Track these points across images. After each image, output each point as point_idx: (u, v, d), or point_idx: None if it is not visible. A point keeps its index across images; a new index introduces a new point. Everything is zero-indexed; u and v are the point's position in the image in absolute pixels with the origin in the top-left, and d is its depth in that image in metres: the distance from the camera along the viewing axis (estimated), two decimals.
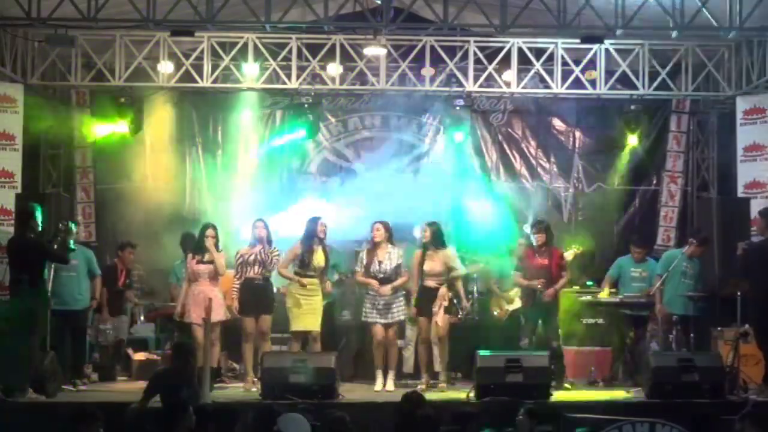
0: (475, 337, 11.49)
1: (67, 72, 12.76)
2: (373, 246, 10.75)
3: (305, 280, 10.72)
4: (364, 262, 10.75)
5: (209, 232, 10.90)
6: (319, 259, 10.81)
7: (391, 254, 10.71)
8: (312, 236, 10.89)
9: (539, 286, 10.91)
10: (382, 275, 10.68)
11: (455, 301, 10.80)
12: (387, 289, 10.61)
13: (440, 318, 10.64)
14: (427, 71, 12.86)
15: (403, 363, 11.44)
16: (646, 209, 14.28)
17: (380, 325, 10.67)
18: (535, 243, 11.10)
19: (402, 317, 10.86)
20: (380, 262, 10.68)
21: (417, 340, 11.30)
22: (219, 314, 10.62)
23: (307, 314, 10.71)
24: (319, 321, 10.77)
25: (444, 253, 10.76)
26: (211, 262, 10.77)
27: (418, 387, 10.67)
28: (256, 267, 10.86)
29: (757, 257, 10.73)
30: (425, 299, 10.71)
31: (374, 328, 10.69)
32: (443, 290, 10.66)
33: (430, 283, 10.69)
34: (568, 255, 11.82)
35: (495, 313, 11.90)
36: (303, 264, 10.77)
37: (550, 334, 10.86)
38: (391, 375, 10.75)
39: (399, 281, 10.69)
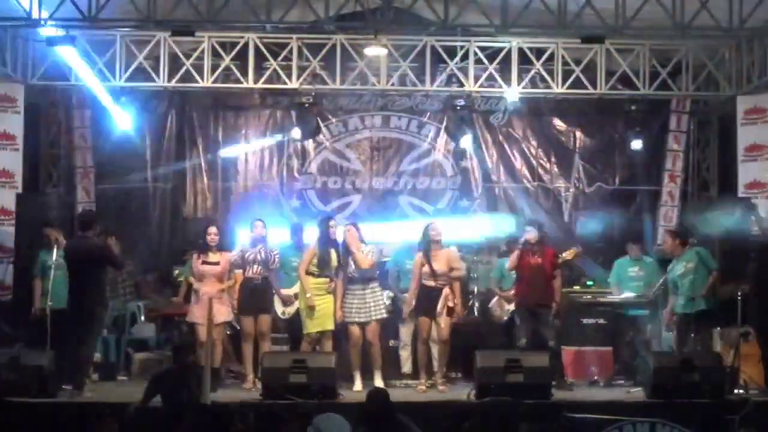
0: (475, 337, 11.50)
1: (67, 72, 12.75)
2: (348, 246, 10.75)
3: (321, 280, 10.74)
4: (342, 263, 10.73)
5: (211, 230, 10.90)
6: (334, 259, 10.84)
7: (363, 253, 10.72)
8: (327, 236, 10.91)
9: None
10: (357, 275, 10.70)
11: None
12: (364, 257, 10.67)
13: (443, 319, 10.63)
14: (428, 72, 12.86)
15: (402, 363, 11.40)
16: (646, 209, 14.29)
17: (356, 324, 10.68)
18: (528, 241, 11.04)
19: (383, 315, 10.86)
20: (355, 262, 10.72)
21: (415, 340, 11.33)
22: (222, 315, 10.63)
23: (322, 315, 10.70)
24: (332, 320, 10.77)
25: (447, 253, 10.77)
26: (217, 263, 10.77)
27: (418, 387, 10.71)
28: (255, 267, 10.86)
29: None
30: (426, 299, 10.70)
31: (349, 328, 10.72)
32: (447, 291, 10.66)
33: (431, 283, 10.70)
34: (569, 254, 11.83)
35: (495, 313, 11.89)
36: (323, 265, 10.77)
37: (546, 333, 10.86)
38: (378, 374, 10.71)
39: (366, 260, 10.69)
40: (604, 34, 11.49)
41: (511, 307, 11.65)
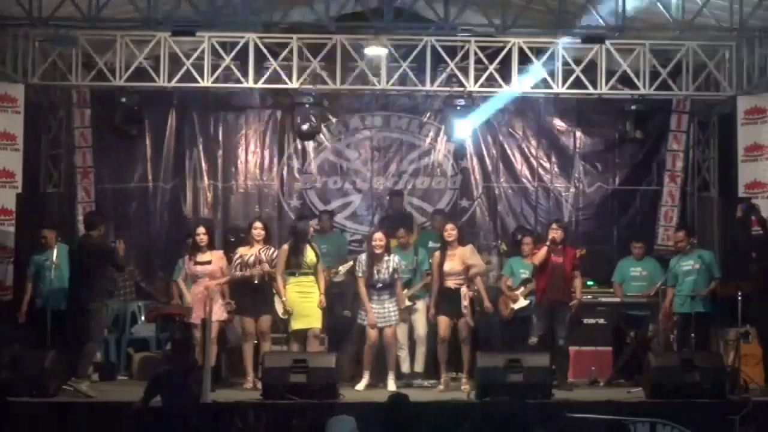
0: (476, 336, 11.50)
1: (67, 72, 12.75)
2: (373, 255, 10.79)
3: (302, 278, 10.78)
4: (364, 268, 10.80)
5: (200, 230, 10.93)
6: (310, 256, 10.85)
7: (388, 262, 10.80)
8: (304, 236, 10.97)
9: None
10: (380, 284, 10.77)
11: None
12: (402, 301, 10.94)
13: (467, 320, 10.72)
14: (428, 72, 12.86)
15: (401, 363, 11.41)
16: (647, 209, 14.27)
17: (375, 328, 10.74)
18: (554, 239, 11.08)
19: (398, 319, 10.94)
20: (378, 272, 10.76)
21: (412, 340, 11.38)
22: (216, 314, 10.64)
23: (306, 312, 10.73)
24: (319, 318, 10.79)
25: (462, 251, 10.80)
26: (209, 262, 10.79)
27: (438, 388, 10.76)
28: (256, 267, 10.87)
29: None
30: (445, 300, 10.76)
31: (368, 330, 10.77)
32: (464, 290, 10.70)
33: (450, 283, 10.74)
34: None
35: (501, 311, 11.88)
36: (298, 264, 10.79)
37: (559, 333, 10.89)
38: (391, 375, 10.79)
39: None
40: (604, 34, 11.50)
41: (516, 306, 11.65)
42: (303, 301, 10.74)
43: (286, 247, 10.90)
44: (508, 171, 14.41)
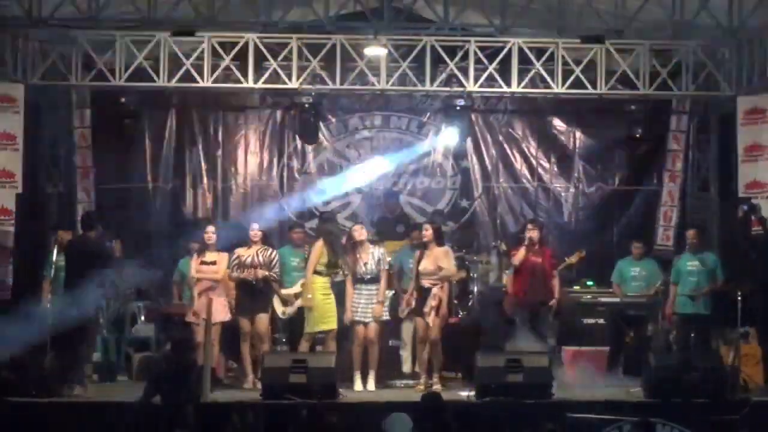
0: (474, 337, 11.50)
1: (67, 72, 12.75)
2: (355, 247, 10.77)
3: (328, 279, 10.76)
4: (350, 264, 10.78)
5: (209, 228, 10.95)
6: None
7: (374, 254, 10.79)
8: (337, 238, 10.99)
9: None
10: (369, 276, 10.76)
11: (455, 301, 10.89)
12: (379, 309, 10.75)
13: (431, 319, 10.63)
14: (428, 72, 12.87)
15: (402, 363, 11.40)
16: (646, 209, 14.28)
17: (362, 324, 10.73)
18: (531, 239, 11.08)
19: (386, 316, 10.89)
20: (365, 264, 10.75)
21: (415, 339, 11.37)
22: (220, 314, 10.65)
23: (329, 314, 10.73)
24: (335, 319, 10.79)
25: (438, 252, 10.78)
26: (214, 262, 10.81)
27: (416, 387, 10.71)
28: (253, 269, 10.87)
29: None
30: (420, 299, 10.75)
31: (355, 328, 10.75)
32: (435, 290, 10.67)
33: (425, 282, 10.73)
34: (573, 258, 11.88)
35: (507, 311, 11.87)
36: (335, 265, 10.78)
37: (545, 331, 10.91)
38: (371, 375, 10.75)
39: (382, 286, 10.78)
40: (604, 35, 11.50)
41: None
42: (327, 303, 10.73)
43: (320, 244, 10.80)
44: (507, 171, 14.43)
